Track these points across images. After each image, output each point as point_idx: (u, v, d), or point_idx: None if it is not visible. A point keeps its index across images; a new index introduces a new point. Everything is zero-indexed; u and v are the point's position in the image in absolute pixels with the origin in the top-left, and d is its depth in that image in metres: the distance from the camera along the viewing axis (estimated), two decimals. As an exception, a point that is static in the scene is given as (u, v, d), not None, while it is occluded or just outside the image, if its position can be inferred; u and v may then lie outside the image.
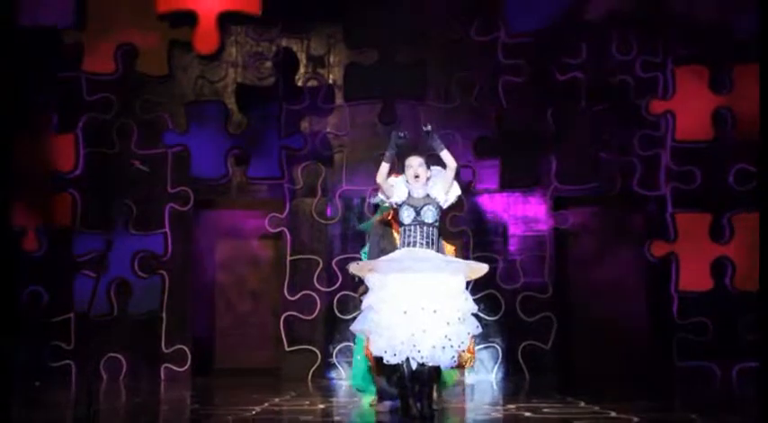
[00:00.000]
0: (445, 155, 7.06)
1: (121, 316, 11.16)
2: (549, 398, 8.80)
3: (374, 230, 7.66)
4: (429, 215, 7.02)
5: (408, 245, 6.99)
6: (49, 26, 11.31)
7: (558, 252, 11.43)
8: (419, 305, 6.79)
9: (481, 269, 7.13)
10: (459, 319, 6.82)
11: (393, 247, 7.33)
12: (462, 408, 7.81)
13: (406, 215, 7.04)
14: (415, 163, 7.13)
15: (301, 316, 11.24)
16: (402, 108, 11.39)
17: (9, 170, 11.03)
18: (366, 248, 7.79)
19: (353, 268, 7.07)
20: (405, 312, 6.78)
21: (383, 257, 7.05)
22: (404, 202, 7.05)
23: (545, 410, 7.83)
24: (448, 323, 6.79)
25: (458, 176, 7.21)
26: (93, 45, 11.37)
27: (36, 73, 11.26)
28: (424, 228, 7.00)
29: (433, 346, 6.75)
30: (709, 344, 11.07)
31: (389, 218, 7.57)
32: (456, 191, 7.28)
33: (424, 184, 7.12)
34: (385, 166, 7.06)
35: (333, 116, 11.54)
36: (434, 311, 6.78)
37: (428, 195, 7.07)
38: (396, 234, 7.45)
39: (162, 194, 11.33)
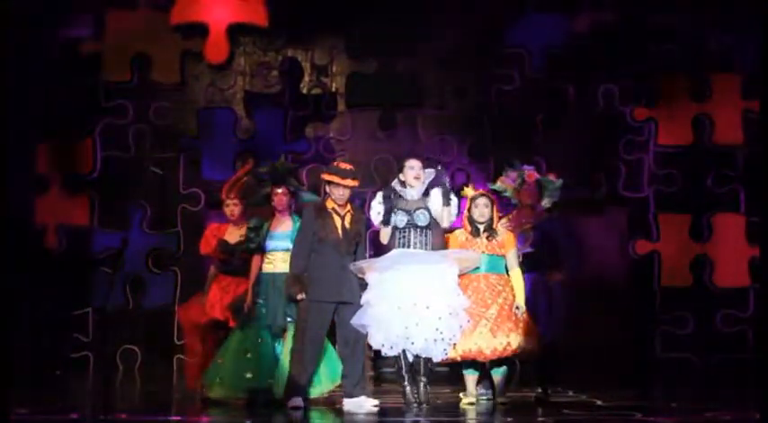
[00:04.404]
0: (446, 211, 7.03)
1: (136, 310, 11.11)
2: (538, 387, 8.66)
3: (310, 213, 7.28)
4: (422, 218, 7.00)
5: (403, 246, 7.00)
6: (69, 38, 11.26)
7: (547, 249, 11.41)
8: (412, 301, 6.82)
9: (473, 258, 7.13)
10: (449, 314, 6.84)
11: (328, 229, 7.03)
12: (457, 396, 7.75)
13: (400, 219, 7.01)
14: (416, 165, 7.13)
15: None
16: (400, 115, 11.39)
17: (32, 172, 11.09)
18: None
19: (353, 267, 7.01)
20: (399, 308, 6.81)
21: (382, 257, 7.04)
22: (398, 209, 7.03)
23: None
24: (440, 318, 6.81)
25: (453, 184, 7.20)
26: (111, 55, 11.32)
27: (57, 81, 11.19)
28: (418, 230, 6.99)
29: (426, 340, 6.79)
30: (690, 336, 11.07)
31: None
32: (449, 220, 7.21)
33: (421, 186, 7.11)
34: (386, 231, 7.05)
35: (335, 122, 11.49)
36: (427, 307, 6.80)
37: (422, 199, 7.06)
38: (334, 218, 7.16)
39: (174, 195, 11.28)
